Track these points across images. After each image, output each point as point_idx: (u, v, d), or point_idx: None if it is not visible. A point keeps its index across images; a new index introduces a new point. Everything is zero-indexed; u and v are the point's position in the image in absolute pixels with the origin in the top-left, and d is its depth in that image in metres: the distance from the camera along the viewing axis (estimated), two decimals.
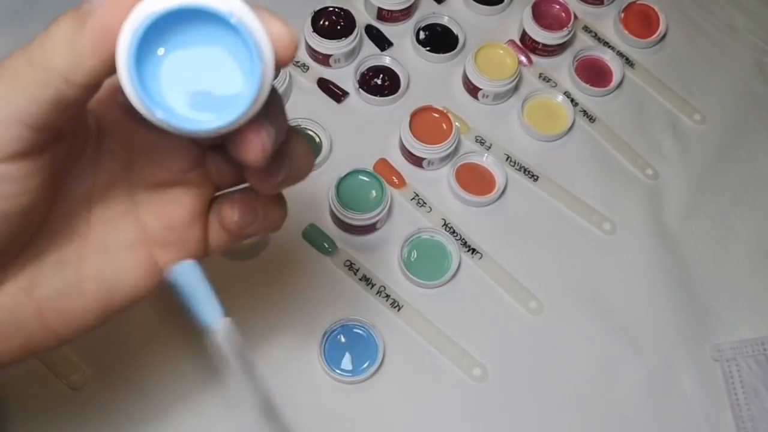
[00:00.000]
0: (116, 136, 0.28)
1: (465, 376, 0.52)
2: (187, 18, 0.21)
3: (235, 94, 0.22)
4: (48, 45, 0.22)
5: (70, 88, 0.22)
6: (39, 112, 0.22)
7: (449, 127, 0.57)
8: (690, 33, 0.67)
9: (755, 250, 0.59)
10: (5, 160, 0.23)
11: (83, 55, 0.22)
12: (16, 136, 0.23)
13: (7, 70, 0.23)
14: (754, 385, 0.53)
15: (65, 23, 0.22)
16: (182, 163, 0.29)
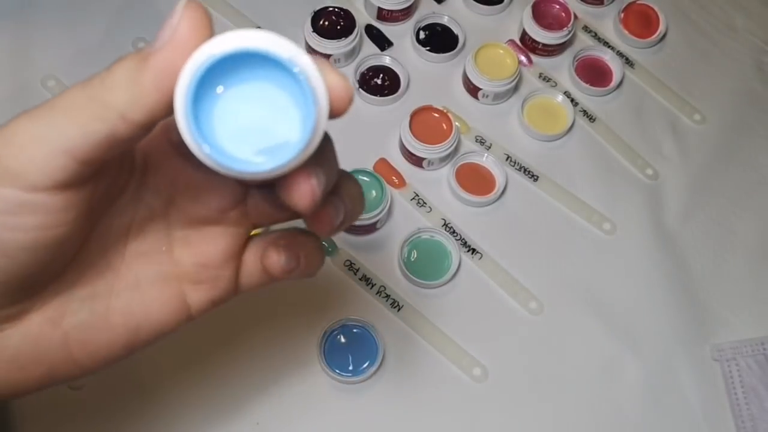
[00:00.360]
0: (161, 173, 0.28)
1: (465, 376, 0.52)
2: (246, 60, 0.22)
3: (287, 139, 0.22)
4: (108, 82, 0.22)
5: (125, 125, 0.22)
6: (89, 147, 0.23)
7: (449, 127, 0.57)
8: (690, 33, 0.67)
9: (755, 250, 0.59)
10: (45, 190, 0.23)
11: (142, 93, 0.22)
12: (60, 166, 0.23)
13: (64, 101, 0.23)
14: (753, 385, 0.53)
15: (127, 63, 0.22)
16: (223, 203, 0.29)
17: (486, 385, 0.52)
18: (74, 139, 0.22)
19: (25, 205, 0.23)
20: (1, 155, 0.23)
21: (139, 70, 0.22)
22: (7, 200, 0.23)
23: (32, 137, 0.23)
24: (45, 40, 0.60)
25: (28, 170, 0.22)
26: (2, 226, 0.23)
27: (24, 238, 0.24)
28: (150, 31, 0.61)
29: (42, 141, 0.23)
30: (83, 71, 0.63)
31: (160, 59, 0.22)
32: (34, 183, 0.23)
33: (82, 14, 0.61)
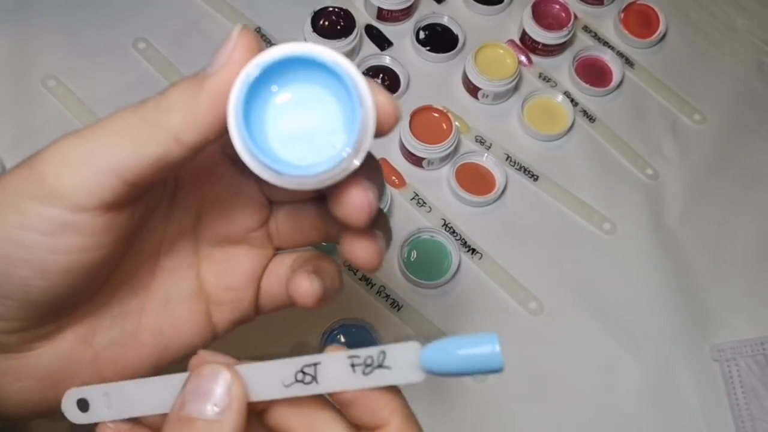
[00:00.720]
0: (191, 189, 0.29)
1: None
2: (292, 67, 0.22)
3: (337, 144, 0.23)
4: (164, 105, 0.23)
5: (179, 147, 0.23)
6: (140, 168, 0.23)
7: (449, 126, 0.57)
8: (690, 33, 0.67)
9: (755, 249, 0.59)
10: (90, 211, 0.23)
11: (198, 116, 0.23)
12: (108, 187, 0.23)
13: (116, 122, 0.23)
14: (753, 385, 0.53)
15: (182, 87, 0.23)
16: (249, 221, 0.29)
17: (486, 385, 0.52)
18: (125, 160, 0.23)
19: (69, 226, 0.23)
20: (46, 174, 0.23)
21: (194, 93, 0.23)
22: (51, 220, 0.23)
23: (80, 157, 0.23)
24: (45, 40, 0.60)
25: (74, 190, 0.23)
26: (44, 248, 0.23)
27: (65, 260, 0.24)
28: (150, 31, 0.61)
29: (91, 161, 0.23)
30: (83, 71, 0.63)
31: (215, 82, 0.22)
32: (79, 203, 0.23)
33: (83, 14, 0.61)
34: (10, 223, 0.23)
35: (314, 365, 0.25)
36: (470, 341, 0.24)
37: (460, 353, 0.24)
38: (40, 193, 0.23)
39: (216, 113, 0.23)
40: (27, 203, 0.23)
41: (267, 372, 0.26)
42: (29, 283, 0.24)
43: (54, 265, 0.24)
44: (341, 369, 0.25)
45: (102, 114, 0.60)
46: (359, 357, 0.25)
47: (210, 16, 0.62)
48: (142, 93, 0.63)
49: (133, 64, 0.60)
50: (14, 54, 0.59)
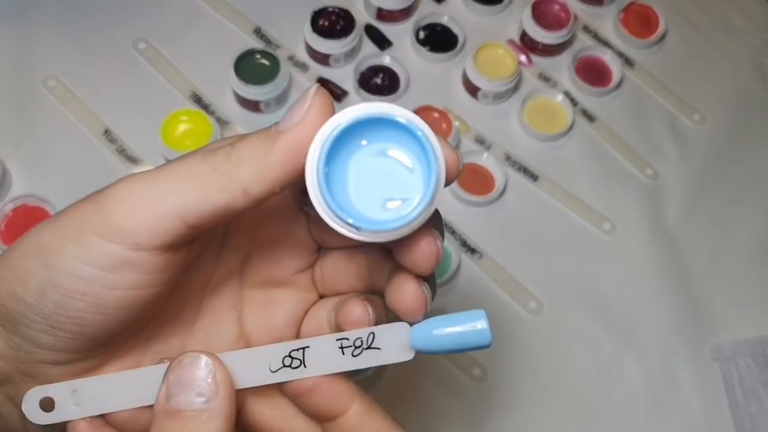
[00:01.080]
0: (243, 230, 0.29)
1: (464, 376, 0.52)
2: (368, 128, 0.23)
3: (411, 197, 0.24)
4: (235, 157, 0.24)
5: (245, 198, 0.24)
6: (205, 213, 0.24)
7: (449, 126, 0.57)
8: (689, 33, 0.68)
9: (754, 249, 0.59)
10: (150, 250, 0.24)
11: (268, 170, 0.23)
12: (171, 228, 0.24)
13: (187, 168, 0.24)
14: (752, 384, 0.53)
15: (254, 141, 0.24)
16: (297, 264, 0.30)
17: (486, 385, 0.52)
18: (191, 206, 0.23)
19: (128, 263, 0.24)
20: (113, 212, 0.24)
21: (266, 149, 0.24)
22: (112, 257, 0.24)
23: (148, 198, 0.24)
24: (45, 41, 0.60)
25: (139, 230, 0.23)
26: (102, 283, 0.24)
27: (121, 295, 0.24)
28: (150, 31, 0.61)
29: (158, 203, 0.23)
30: (84, 71, 0.63)
31: (289, 139, 0.23)
32: (141, 242, 0.23)
33: (83, 15, 0.61)
34: (71, 256, 0.24)
35: (302, 349, 0.25)
36: (458, 319, 0.24)
37: (449, 331, 0.24)
38: (105, 229, 0.23)
39: (286, 169, 0.23)
40: (90, 238, 0.24)
41: (253, 358, 0.26)
42: (84, 316, 0.24)
43: (109, 300, 0.24)
44: (330, 351, 0.26)
45: (102, 114, 0.60)
46: (348, 339, 0.26)
47: (210, 16, 0.62)
48: (143, 93, 0.63)
49: (133, 65, 0.60)
50: (15, 54, 0.59)
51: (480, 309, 0.24)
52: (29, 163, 0.55)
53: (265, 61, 0.59)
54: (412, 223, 0.23)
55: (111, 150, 0.56)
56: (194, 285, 0.29)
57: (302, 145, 0.23)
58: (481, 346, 0.24)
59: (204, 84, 0.59)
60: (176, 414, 0.24)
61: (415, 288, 0.26)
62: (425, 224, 0.24)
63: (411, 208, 0.23)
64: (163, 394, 0.24)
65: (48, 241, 0.24)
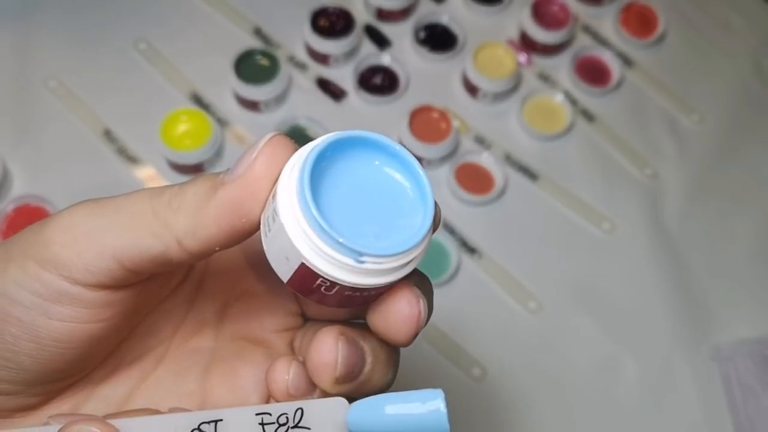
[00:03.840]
0: (220, 280, 0.27)
1: (464, 375, 0.52)
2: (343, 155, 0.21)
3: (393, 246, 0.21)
4: (176, 202, 0.22)
5: (179, 251, 0.22)
6: (139, 259, 0.22)
7: (448, 126, 0.58)
8: (689, 33, 0.68)
9: (753, 249, 0.59)
10: (88, 286, 0.22)
11: (202, 224, 0.21)
12: (106, 269, 0.22)
13: (131, 205, 0.22)
14: (751, 384, 0.53)
15: (198, 187, 0.22)
16: (277, 322, 0.27)
17: (485, 385, 0.52)
18: (125, 248, 0.22)
19: (65, 295, 0.22)
20: (50, 240, 0.22)
21: (207, 198, 0.21)
22: (50, 286, 0.22)
23: (87, 232, 0.22)
24: (46, 41, 0.60)
25: (73, 264, 0.22)
26: (39, 312, 0.22)
27: (57, 327, 0.23)
28: (150, 32, 0.61)
29: (95, 239, 0.22)
30: (84, 71, 0.63)
31: (227, 193, 0.21)
32: (76, 277, 0.22)
33: (83, 15, 0.61)
34: (11, 279, 0.22)
35: (215, 422, 0.22)
36: (409, 398, 0.20)
37: (397, 413, 0.20)
38: (42, 257, 0.22)
39: (221, 227, 0.21)
40: (29, 263, 0.22)
41: (156, 428, 0.22)
42: (18, 342, 0.23)
43: (45, 330, 0.23)
44: (247, 428, 0.22)
45: (102, 114, 0.60)
46: (271, 414, 0.21)
47: (210, 16, 0.62)
48: (143, 93, 0.63)
49: (133, 65, 0.60)
50: (15, 55, 0.59)
51: (438, 389, 0.21)
52: (30, 163, 0.55)
53: (264, 61, 0.59)
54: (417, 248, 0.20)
55: (111, 150, 0.56)
56: (161, 333, 0.27)
57: (239, 203, 0.21)
58: None
59: (204, 84, 0.59)
60: None
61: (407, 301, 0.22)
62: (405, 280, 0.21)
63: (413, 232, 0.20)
64: None
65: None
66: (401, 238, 0.20)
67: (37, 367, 0.23)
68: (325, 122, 0.58)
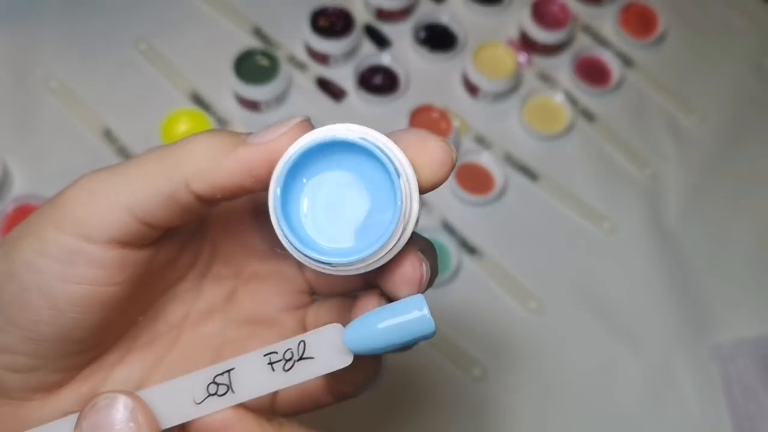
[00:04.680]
0: (228, 264, 0.28)
1: (464, 375, 0.52)
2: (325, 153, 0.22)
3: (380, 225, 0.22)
4: (188, 147, 0.23)
5: (187, 193, 0.23)
6: (149, 204, 0.23)
7: (449, 126, 0.58)
8: (689, 33, 0.68)
9: (753, 249, 0.59)
10: (101, 243, 0.23)
11: (215, 170, 0.23)
12: (120, 221, 0.23)
13: (140, 159, 0.24)
14: (751, 384, 0.53)
15: (216, 138, 0.23)
16: (285, 301, 0.28)
17: (485, 385, 0.52)
18: (137, 194, 0.23)
19: (81, 255, 0.23)
20: (66, 202, 0.23)
21: (225, 150, 0.23)
22: (65, 248, 0.23)
23: (100, 189, 0.23)
24: (46, 41, 0.60)
25: (87, 220, 0.23)
26: (56, 275, 0.23)
27: (76, 291, 0.23)
28: (150, 32, 0.61)
29: (108, 194, 0.23)
30: (84, 72, 0.63)
31: (247, 152, 0.22)
32: (91, 234, 0.23)
33: (84, 15, 0.61)
34: (30, 248, 0.23)
35: (227, 372, 0.23)
36: (394, 309, 0.22)
37: (385, 324, 0.22)
38: (60, 219, 0.23)
39: (234, 178, 0.23)
40: (46, 229, 0.23)
41: (175, 391, 0.23)
42: (39, 312, 0.23)
43: (64, 294, 0.23)
44: (258, 370, 0.23)
45: (102, 114, 0.60)
46: (277, 352, 0.23)
47: (210, 16, 0.62)
48: (143, 93, 0.63)
49: (133, 65, 0.60)
50: (15, 55, 0.59)
51: (418, 295, 0.22)
52: (30, 163, 0.55)
53: (264, 61, 0.59)
54: (382, 251, 0.22)
55: (111, 150, 0.56)
56: (170, 318, 0.28)
57: (259, 165, 0.22)
58: (424, 335, 0.22)
59: (204, 84, 0.59)
60: None
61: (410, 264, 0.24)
62: (409, 248, 0.22)
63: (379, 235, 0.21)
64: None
65: (13, 236, 0.24)
66: (371, 238, 0.22)
67: (57, 336, 0.24)
68: (326, 122, 0.58)
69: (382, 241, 0.21)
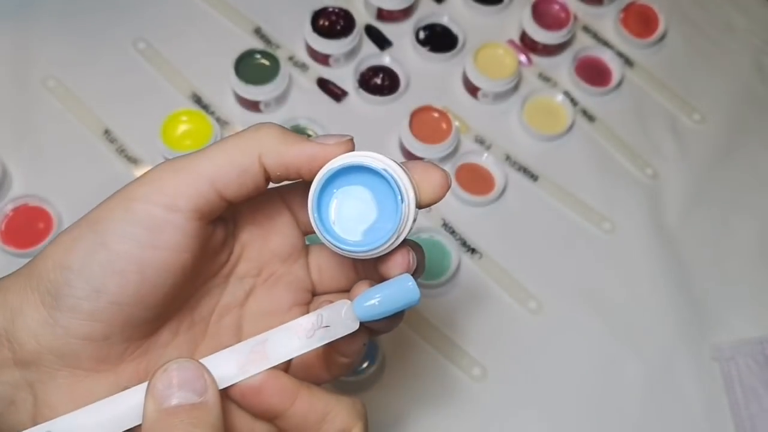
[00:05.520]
0: (252, 262, 0.32)
1: (464, 375, 0.52)
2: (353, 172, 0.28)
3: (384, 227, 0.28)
4: (262, 131, 0.28)
5: (258, 165, 0.28)
6: (229, 176, 0.27)
7: (449, 126, 0.57)
8: (689, 33, 0.67)
9: (754, 249, 0.59)
10: (187, 212, 0.27)
11: (285, 151, 0.28)
12: (203, 192, 0.27)
13: (216, 144, 0.28)
14: (752, 384, 0.53)
15: (282, 129, 0.29)
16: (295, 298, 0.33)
17: (485, 385, 0.52)
18: (219, 168, 0.27)
19: (167, 223, 0.27)
20: (154, 179, 0.27)
21: (294, 138, 0.28)
22: (154, 217, 0.27)
23: (184, 166, 0.27)
24: (45, 41, 0.60)
25: (176, 191, 0.27)
26: (143, 242, 0.27)
27: (159, 256, 0.27)
28: (150, 31, 0.61)
29: (193, 169, 0.27)
30: (83, 71, 0.63)
31: (313, 147, 0.28)
32: (177, 204, 0.27)
33: (83, 14, 0.61)
34: (118, 219, 0.27)
35: (263, 342, 0.28)
36: (389, 284, 0.29)
37: (384, 294, 0.28)
38: (146, 192, 0.27)
39: (299, 161, 0.28)
40: (134, 203, 0.27)
41: (222, 360, 0.28)
42: (126, 276, 0.26)
43: (150, 258, 0.27)
44: (287, 339, 0.29)
45: (102, 114, 0.60)
46: (301, 325, 0.29)
47: (210, 16, 0.62)
48: (143, 93, 0.63)
49: (133, 64, 0.60)
50: (14, 54, 0.59)
51: (406, 273, 0.29)
52: (29, 163, 0.55)
53: (265, 61, 0.59)
54: (382, 247, 0.28)
55: (111, 150, 0.56)
56: (202, 310, 0.31)
57: (319, 157, 0.28)
58: (413, 301, 0.28)
59: (204, 84, 0.59)
60: (175, 412, 0.25)
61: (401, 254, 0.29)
62: (403, 245, 0.29)
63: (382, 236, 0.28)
64: (152, 401, 0.25)
65: (96, 215, 0.27)
66: (374, 238, 0.28)
67: (136, 300, 0.27)
68: (326, 122, 0.58)
69: (379, 242, 0.28)
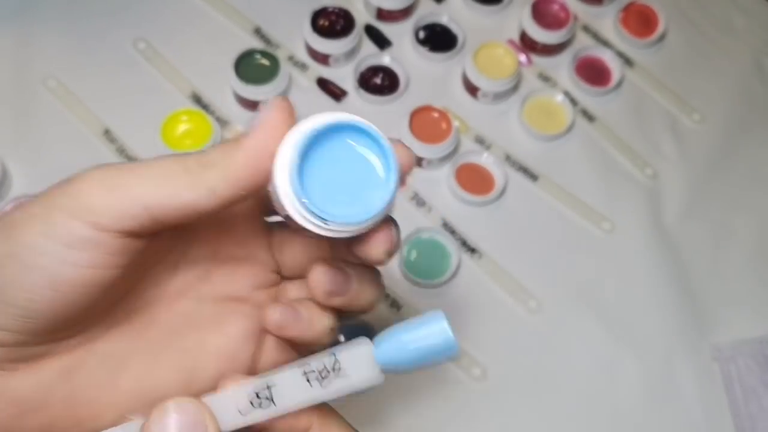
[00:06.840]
0: (204, 247, 0.30)
1: (464, 375, 0.52)
2: (332, 135, 0.25)
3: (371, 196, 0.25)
4: (204, 160, 0.25)
5: (212, 198, 0.25)
6: (170, 209, 0.25)
7: (449, 126, 0.57)
8: (689, 33, 0.67)
9: (754, 249, 0.59)
10: (113, 233, 0.25)
11: (233, 170, 0.25)
12: (136, 216, 0.25)
13: (160, 164, 0.25)
14: (752, 384, 0.53)
15: (222, 147, 0.26)
16: (257, 280, 0.31)
17: (485, 385, 0.52)
18: (160, 198, 0.25)
19: (89, 242, 0.24)
20: (81, 191, 0.25)
21: (233, 151, 0.25)
22: (74, 233, 0.24)
23: (119, 184, 0.25)
24: (45, 41, 0.60)
25: (104, 210, 0.24)
26: (60, 259, 0.24)
27: (78, 273, 0.25)
28: (150, 31, 0.61)
29: (127, 190, 0.25)
30: (83, 71, 0.63)
31: (252, 140, 0.25)
32: (104, 223, 0.24)
33: (83, 14, 0.61)
34: (36, 231, 0.24)
35: (268, 387, 0.25)
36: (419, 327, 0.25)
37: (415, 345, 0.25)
38: (72, 206, 0.24)
39: (251, 169, 0.25)
40: (56, 214, 0.24)
41: (223, 401, 0.25)
42: (37, 291, 0.24)
43: (66, 276, 0.24)
44: (297, 384, 0.25)
45: (102, 114, 0.60)
46: (310, 365, 0.25)
47: (210, 16, 0.62)
48: (143, 93, 0.63)
49: (133, 64, 0.60)
50: (14, 54, 0.59)
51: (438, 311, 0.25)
52: (29, 163, 0.55)
53: (265, 61, 0.59)
54: (375, 218, 0.25)
55: (111, 150, 0.56)
56: (147, 295, 0.29)
57: (265, 146, 0.25)
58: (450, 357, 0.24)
59: (204, 84, 0.59)
60: None
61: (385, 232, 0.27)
62: (383, 220, 0.26)
63: (373, 206, 0.25)
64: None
65: (16, 218, 0.25)
66: (363, 207, 0.25)
67: (50, 315, 0.25)
68: None
69: (372, 213, 0.25)
